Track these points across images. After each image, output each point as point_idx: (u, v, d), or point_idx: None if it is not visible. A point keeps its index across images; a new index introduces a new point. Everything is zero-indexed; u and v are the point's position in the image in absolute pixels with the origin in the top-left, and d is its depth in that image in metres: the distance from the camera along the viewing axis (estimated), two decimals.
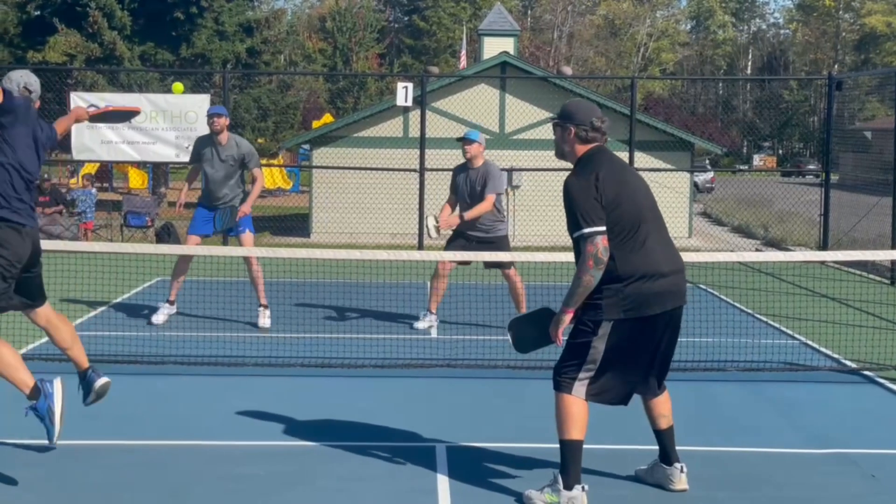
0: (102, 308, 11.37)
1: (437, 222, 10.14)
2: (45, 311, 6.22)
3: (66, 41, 30.57)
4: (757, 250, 20.87)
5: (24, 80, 6.06)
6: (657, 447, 5.76)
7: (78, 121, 6.62)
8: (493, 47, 25.87)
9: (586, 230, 5.16)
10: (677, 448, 5.74)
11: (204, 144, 10.81)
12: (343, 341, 9.66)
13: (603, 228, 5.17)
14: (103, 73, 28.64)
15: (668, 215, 20.08)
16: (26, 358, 8.80)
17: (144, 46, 31.48)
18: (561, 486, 5.30)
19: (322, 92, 53.52)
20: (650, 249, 5.29)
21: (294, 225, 24.39)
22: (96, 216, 22.98)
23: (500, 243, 10.22)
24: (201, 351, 9.09)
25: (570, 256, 8.43)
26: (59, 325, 6.27)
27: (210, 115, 10.74)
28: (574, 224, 5.23)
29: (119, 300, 11.84)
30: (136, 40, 31.34)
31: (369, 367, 8.68)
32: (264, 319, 10.49)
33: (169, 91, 25.60)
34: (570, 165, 5.53)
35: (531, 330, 5.61)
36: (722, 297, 12.89)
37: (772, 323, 11.15)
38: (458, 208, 10.32)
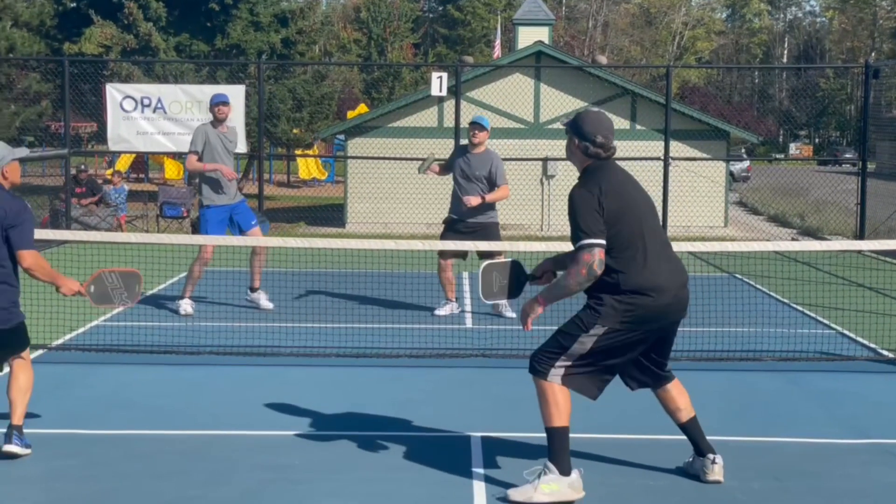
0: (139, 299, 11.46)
1: (431, 164, 10.85)
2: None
3: (101, 33, 30.72)
4: (793, 239, 20.69)
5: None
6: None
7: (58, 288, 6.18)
8: (528, 37, 25.75)
9: (586, 241, 5.17)
10: (713, 438, 5.72)
11: (211, 135, 10.49)
12: (378, 331, 9.68)
13: (603, 242, 5.19)
14: (139, 64, 28.80)
15: (703, 204, 19.92)
16: (64, 348, 8.92)
17: (180, 37, 31.60)
18: (557, 473, 5.29)
19: (357, 82, 53.58)
20: (653, 264, 5.29)
21: (329, 215, 24.46)
22: (132, 207, 23.15)
23: (491, 229, 10.53)
24: (236, 341, 9.14)
25: None
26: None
27: (218, 104, 10.51)
28: (575, 234, 5.25)
29: (155, 291, 11.93)
30: (171, 31, 31.47)
31: (404, 357, 8.70)
32: (266, 301, 10.84)
33: (204, 83, 25.70)
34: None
35: (499, 280, 5.79)
36: (758, 286, 12.81)
37: (808, 312, 11.07)
38: (459, 191, 10.47)
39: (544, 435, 5.40)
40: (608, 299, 5.24)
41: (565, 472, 5.30)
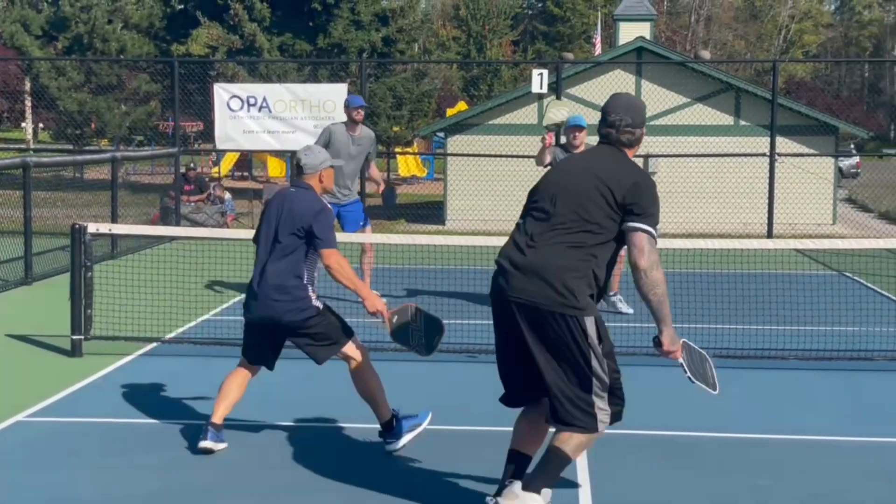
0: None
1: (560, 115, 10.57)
2: None
3: (208, 34, 31.46)
4: None
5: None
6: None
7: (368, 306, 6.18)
8: (629, 32, 25.53)
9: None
10: (825, 438, 5.61)
11: (338, 134, 10.87)
12: (483, 327, 9.69)
13: None
14: (244, 64, 29.35)
15: (811, 201, 19.49)
16: (177, 341, 9.14)
17: (283, 37, 32.12)
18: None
19: (456, 80, 53.73)
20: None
21: (429, 212, 24.58)
22: (238, 205, 23.60)
23: None
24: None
25: (709, 243, 8.33)
26: None
27: (357, 107, 10.89)
28: (654, 219, 4.76)
29: None
30: (274, 31, 32.00)
31: None
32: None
33: (307, 82, 26.05)
34: (707, 150, 5.45)
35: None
36: (868, 284, 12.52)
37: None
38: None
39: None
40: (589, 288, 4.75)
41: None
